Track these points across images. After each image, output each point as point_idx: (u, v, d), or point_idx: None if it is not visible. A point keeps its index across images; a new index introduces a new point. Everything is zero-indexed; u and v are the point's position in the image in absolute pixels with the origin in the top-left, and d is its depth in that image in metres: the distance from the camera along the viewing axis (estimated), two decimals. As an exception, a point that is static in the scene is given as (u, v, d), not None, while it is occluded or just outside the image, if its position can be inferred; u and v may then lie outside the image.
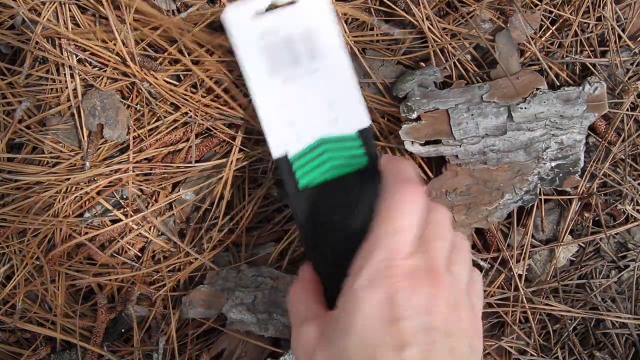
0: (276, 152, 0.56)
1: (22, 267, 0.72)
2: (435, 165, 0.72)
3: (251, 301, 0.70)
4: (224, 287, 0.71)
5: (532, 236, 0.75)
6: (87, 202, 0.73)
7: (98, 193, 0.73)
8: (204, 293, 0.70)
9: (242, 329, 0.71)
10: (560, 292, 0.76)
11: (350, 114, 0.56)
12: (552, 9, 0.71)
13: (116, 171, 0.71)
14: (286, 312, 0.70)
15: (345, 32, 0.69)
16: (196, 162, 0.73)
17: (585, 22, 0.71)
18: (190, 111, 0.71)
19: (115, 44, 0.68)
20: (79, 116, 0.71)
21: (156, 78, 0.69)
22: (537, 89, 0.66)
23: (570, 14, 0.70)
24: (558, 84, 0.70)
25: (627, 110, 0.70)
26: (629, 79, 0.70)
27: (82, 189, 0.71)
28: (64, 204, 0.71)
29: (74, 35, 0.68)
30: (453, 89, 0.67)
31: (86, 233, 0.73)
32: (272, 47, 0.55)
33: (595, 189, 0.73)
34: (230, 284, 0.71)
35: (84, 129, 0.71)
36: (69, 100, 0.71)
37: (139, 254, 0.75)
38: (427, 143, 0.67)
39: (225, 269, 0.72)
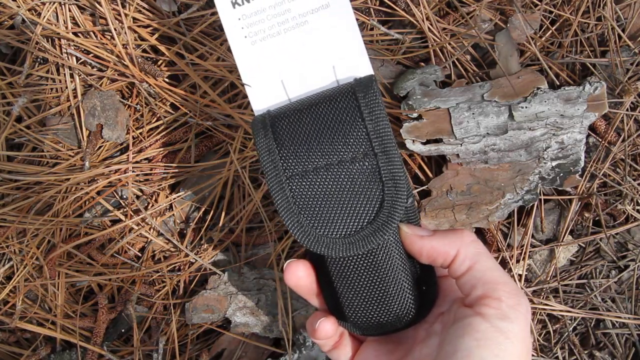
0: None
1: (22, 267, 0.72)
2: (435, 165, 0.72)
3: (254, 304, 0.70)
4: (227, 292, 0.71)
5: (532, 236, 0.75)
6: (87, 202, 0.73)
7: (98, 193, 0.72)
8: (207, 298, 0.70)
9: (246, 331, 0.71)
10: (560, 292, 0.76)
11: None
12: (552, 9, 0.71)
13: (116, 171, 0.71)
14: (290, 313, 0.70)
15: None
16: (196, 162, 0.73)
17: (585, 22, 0.71)
18: (190, 111, 0.71)
19: (115, 46, 0.68)
20: (79, 116, 0.71)
21: (156, 79, 0.69)
22: (538, 88, 0.66)
23: (570, 14, 0.70)
24: (558, 83, 0.70)
25: (627, 110, 0.70)
26: (629, 79, 0.70)
27: (82, 189, 0.71)
28: (64, 204, 0.71)
29: (74, 36, 0.68)
30: (454, 87, 0.67)
31: (86, 233, 0.72)
32: None
33: (595, 189, 0.73)
34: (232, 287, 0.71)
35: (84, 129, 0.71)
36: (68, 100, 0.71)
37: (139, 254, 0.75)
38: (428, 142, 0.67)
39: (227, 273, 0.72)
